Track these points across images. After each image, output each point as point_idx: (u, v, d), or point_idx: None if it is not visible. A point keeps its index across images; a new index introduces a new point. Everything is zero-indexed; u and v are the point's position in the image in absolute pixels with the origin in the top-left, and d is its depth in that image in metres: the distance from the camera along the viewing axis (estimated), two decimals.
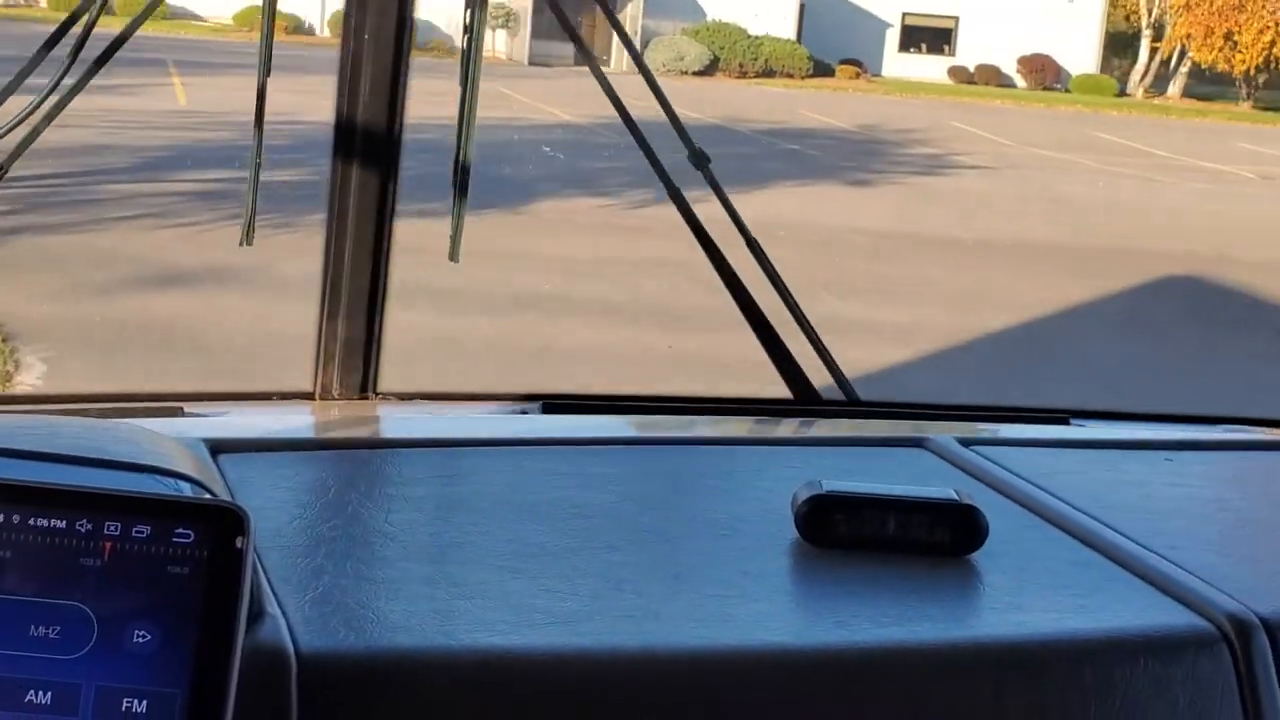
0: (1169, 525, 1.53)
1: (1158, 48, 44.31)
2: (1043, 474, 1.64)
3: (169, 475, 1.14)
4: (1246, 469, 1.78)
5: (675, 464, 1.68)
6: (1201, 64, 42.49)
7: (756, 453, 1.73)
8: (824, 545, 1.41)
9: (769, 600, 1.30)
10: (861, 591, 1.33)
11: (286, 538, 1.33)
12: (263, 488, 1.44)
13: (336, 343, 1.91)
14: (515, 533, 1.39)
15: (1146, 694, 1.25)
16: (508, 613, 1.22)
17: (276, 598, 1.19)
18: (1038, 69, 44.42)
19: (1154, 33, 44.30)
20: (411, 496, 1.48)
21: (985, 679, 1.23)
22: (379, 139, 1.88)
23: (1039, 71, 44.38)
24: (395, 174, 1.89)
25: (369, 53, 1.86)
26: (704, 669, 1.19)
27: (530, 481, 1.53)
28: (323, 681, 1.10)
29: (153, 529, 0.99)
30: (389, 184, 1.89)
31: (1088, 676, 1.24)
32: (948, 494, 1.43)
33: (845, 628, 1.25)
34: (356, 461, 1.58)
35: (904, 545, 1.40)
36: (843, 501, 1.41)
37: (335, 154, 1.88)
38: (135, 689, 0.96)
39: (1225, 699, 1.27)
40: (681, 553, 1.38)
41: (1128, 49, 47.66)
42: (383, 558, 1.33)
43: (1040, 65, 44.48)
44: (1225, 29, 41.17)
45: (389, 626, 1.19)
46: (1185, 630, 1.30)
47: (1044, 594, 1.35)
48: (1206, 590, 1.36)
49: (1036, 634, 1.27)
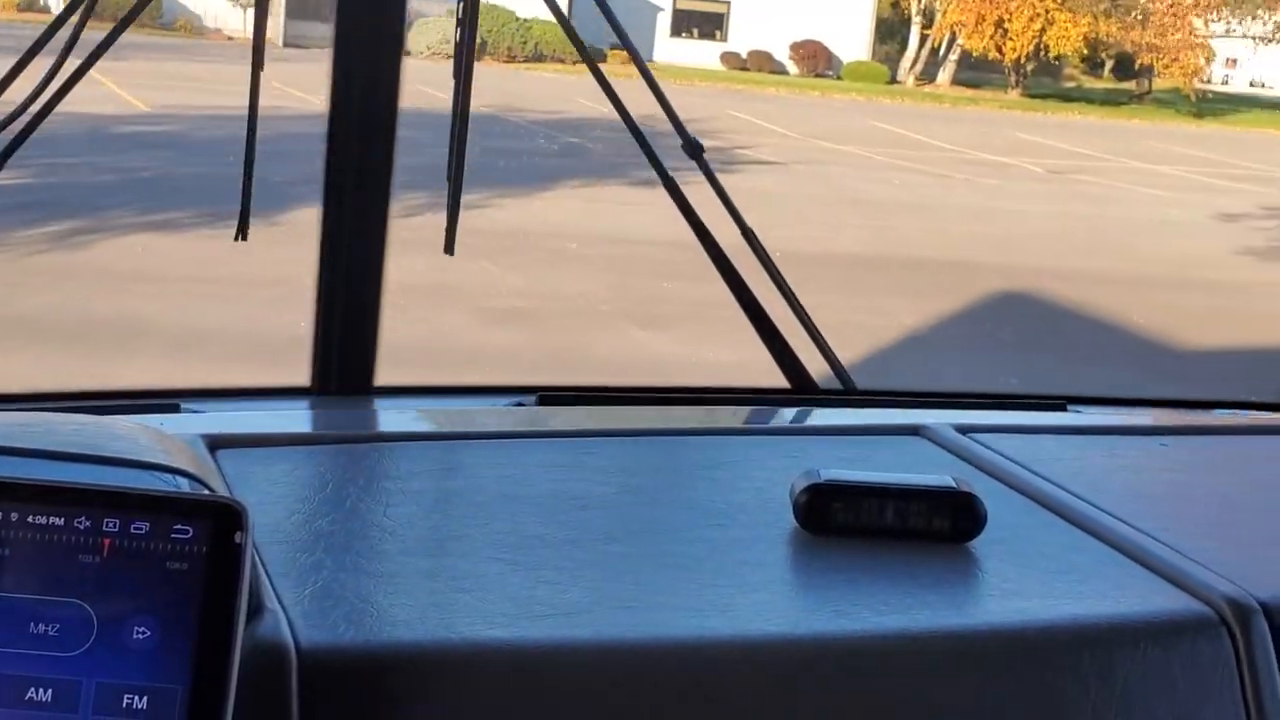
0: (1167, 510, 1.54)
1: (928, 34, 43.60)
2: (1040, 460, 1.65)
3: (167, 471, 1.14)
4: (1243, 453, 1.78)
5: (673, 455, 1.68)
6: (972, 52, 41.90)
7: (754, 442, 1.73)
8: (822, 534, 1.41)
9: (768, 590, 1.31)
10: (860, 580, 1.33)
11: (285, 532, 1.33)
12: (261, 483, 1.44)
13: (334, 337, 1.91)
14: (514, 525, 1.39)
15: (1146, 679, 1.25)
16: (507, 605, 1.22)
17: (276, 593, 1.19)
18: (810, 55, 43.47)
19: (924, 19, 43.57)
20: (410, 490, 1.48)
21: (985, 666, 1.23)
22: (374, 134, 1.87)
23: (811, 58, 43.42)
24: (390, 168, 1.89)
25: (362, 47, 1.86)
26: (704, 659, 1.19)
27: (528, 474, 1.53)
28: (323, 676, 1.10)
29: (151, 525, 0.99)
30: (384, 178, 1.89)
31: (1087, 662, 1.24)
32: (945, 481, 1.43)
33: (844, 616, 1.26)
34: (354, 456, 1.58)
35: (902, 533, 1.41)
36: (841, 490, 1.41)
37: (330, 149, 1.88)
38: (135, 685, 0.96)
39: (1224, 683, 1.27)
40: (680, 543, 1.38)
41: (898, 36, 46.96)
42: (382, 552, 1.33)
43: (812, 51, 43.54)
44: (996, 16, 40.59)
45: (389, 620, 1.19)
46: (1184, 615, 1.30)
47: (1043, 580, 1.35)
48: (1205, 575, 1.36)
49: (1035, 620, 1.27)
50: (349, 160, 1.88)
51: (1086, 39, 41.32)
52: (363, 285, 1.90)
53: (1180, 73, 41.24)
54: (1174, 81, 42.05)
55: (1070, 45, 41.25)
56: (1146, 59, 42.08)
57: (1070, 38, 40.83)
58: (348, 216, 1.89)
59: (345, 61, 1.86)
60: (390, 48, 1.87)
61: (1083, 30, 40.80)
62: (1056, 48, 41.39)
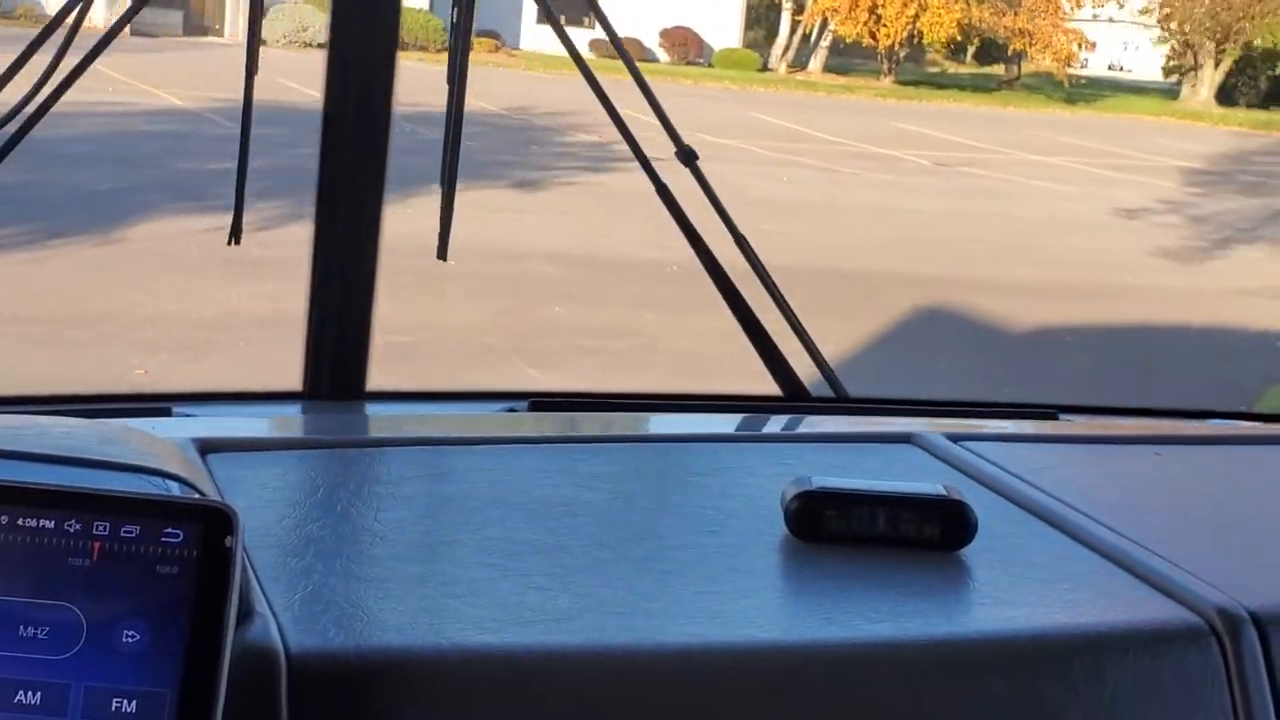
0: (1157, 519, 1.54)
1: (799, 21, 42.42)
2: (1031, 469, 1.65)
3: (157, 475, 1.14)
4: (1234, 463, 1.79)
5: (664, 461, 1.68)
6: (844, 38, 41.01)
7: (745, 449, 1.73)
8: (813, 541, 1.41)
9: (758, 596, 1.30)
10: (851, 587, 1.33)
11: (276, 537, 1.33)
12: (252, 487, 1.44)
13: (325, 342, 1.91)
14: (504, 531, 1.39)
15: (1135, 688, 1.25)
16: (498, 611, 1.22)
17: (266, 597, 1.19)
18: (680, 42, 42.17)
19: (795, 6, 42.51)
20: (401, 495, 1.48)
21: (975, 674, 1.23)
22: (368, 139, 1.87)
23: (682, 45, 42.07)
24: (383, 175, 1.89)
25: (357, 50, 1.86)
26: (694, 666, 1.19)
27: (519, 480, 1.53)
28: (313, 681, 1.10)
29: (142, 529, 0.98)
30: (377, 184, 1.89)
31: (1077, 671, 1.24)
32: (937, 489, 1.43)
33: (835, 624, 1.26)
34: (345, 460, 1.57)
35: (893, 541, 1.41)
36: (832, 497, 1.41)
37: (323, 153, 1.88)
38: (124, 689, 0.96)
39: (1214, 693, 1.27)
40: (671, 549, 1.38)
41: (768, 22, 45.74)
42: (372, 556, 1.33)
43: (683, 39, 42.28)
44: (869, 2, 39.81)
45: (379, 625, 1.19)
46: (1174, 624, 1.30)
47: (1033, 589, 1.35)
48: (1195, 584, 1.36)
49: (1026, 629, 1.27)
50: (342, 167, 1.88)
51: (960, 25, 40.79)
52: (355, 291, 1.90)
53: (1053, 58, 41.02)
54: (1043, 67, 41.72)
55: (944, 32, 40.64)
56: (1018, 44, 41.71)
57: (944, 24, 40.23)
58: (340, 222, 1.89)
59: (340, 69, 1.86)
60: (385, 57, 1.87)
61: (955, 16, 40.20)
62: (930, 35, 40.78)
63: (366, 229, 1.89)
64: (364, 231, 1.89)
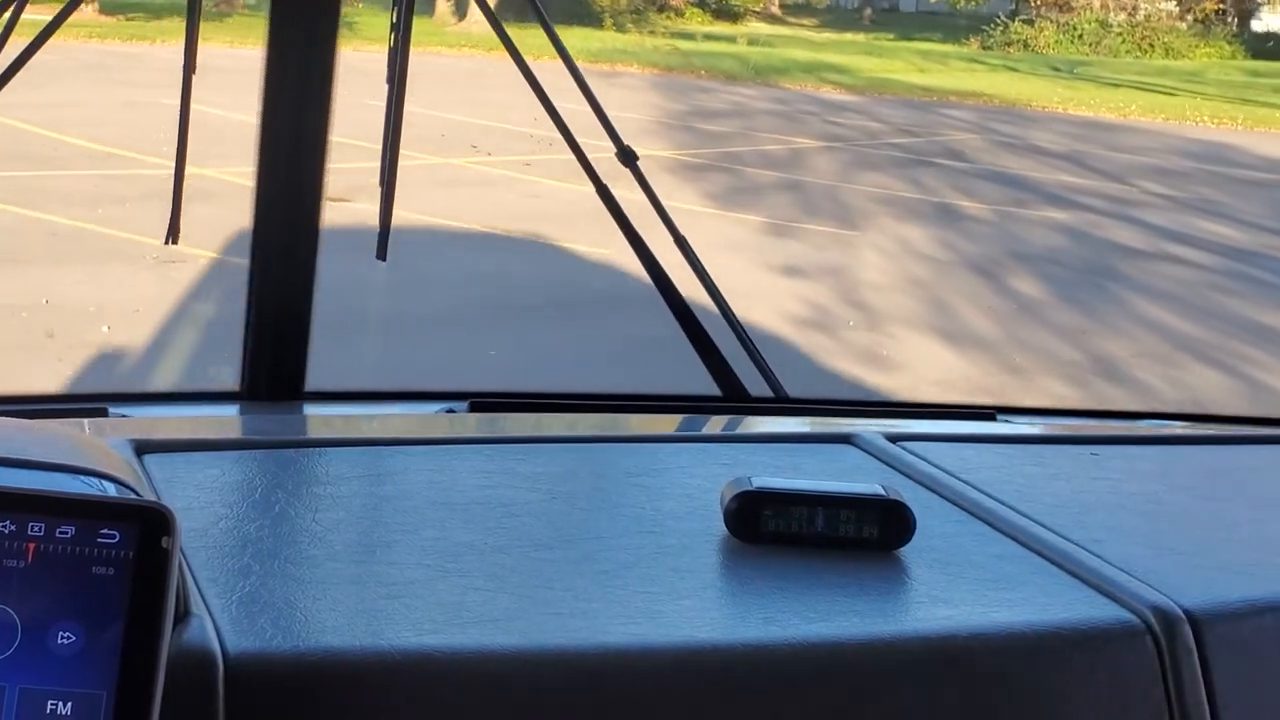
0: (1094, 519, 1.55)
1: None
2: (969, 469, 1.66)
3: (93, 475, 1.13)
4: (1170, 463, 1.80)
5: (603, 462, 1.68)
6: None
7: (685, 450, 1.74)
8: (752, 541, 1.41)
9: (698, 597, 1.31)
10: (790, 587, 1.33)
11: (213, 538, 1.32)
12: (189, 487, 1.43)
13: (264, 342, 1.90)
14: (443, 532, 1.39)
15: (1072, 686, 1.26)
16: (436, 612, 1.22)
17: (203, 598, 1.19)
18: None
19: None
20: (339, 496, 1.48)
21: (914, 673, 1.24)
22: (305, 140, 1.87)
23: None
24: (322, 177, 1.88)
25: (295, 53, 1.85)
26: (633, 667, 1.19)
27: (457, 480, 1.52)
28: (250, 682, 1.10)
29: (77, 529, 0.98)
30: (315, 185, 1.89)
31: (1014, 669, 1.25)
32: (875, 490, 1.44)
33: (774, 624, 1.26)
34: (283, 461, 1.57)
35: (832, 541, 1.41)
36: (771, 498, 1.42)
37: (261, 156, 1.87)
38: (60, 691, 0.96)
39: (1149, 690, 1.28)
40: (610, 550, 1.38)
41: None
42: (310, 557, 1.32)
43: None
44: None
45: (317, 627, 1.18)
46: (1110, 623, 1.31)
47: (971, 588, 1.36)
48: (1131, 583, 1.37)
49: (964, 628, 1.28)
50: (279, 169, 1.87)
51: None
52: (294, 292, 1.89)
53: None
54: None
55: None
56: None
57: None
58: (279, 224, 1.88)
59: (276, 73, 1.85)
60: (322, 61, 1.86)
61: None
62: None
63: (305, 230, 1.89)
64: (302, 232, 1.89)
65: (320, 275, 1.90)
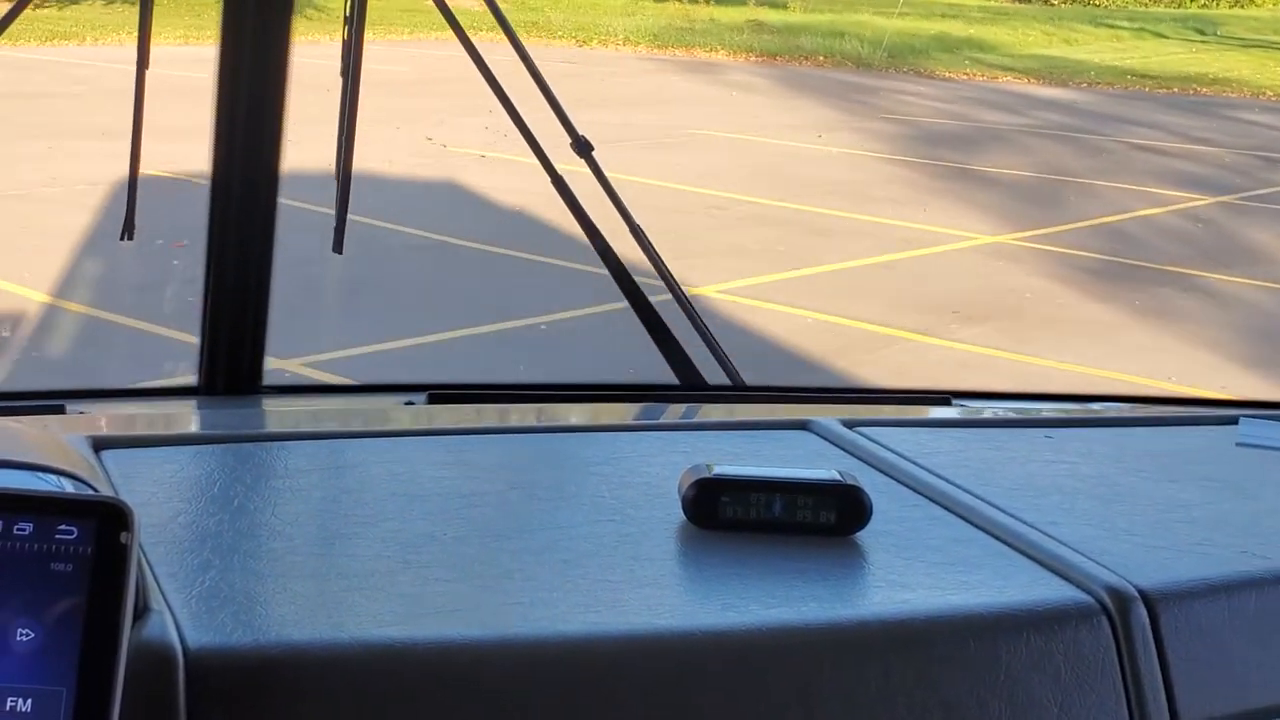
0: (1049, 501, 1.56)
1: None
2: (925, 454, 1.66)
3: (50, 472, 1.13)
4: (1124, 444, 1.82)
5: (562, 451, 1.68)
6: None
7: (643, 438, 1.74)
8: (711, 528, 1.42)
9: (657, 584, 1.31)
10: (748, 574, 1.34)
11: (172, 533, 1.32)
12: (147, 483, 1.43)
13: (221, 337, 1.90)
14: (403, 523, 1.39)
15: (1029, 667, 1.27)
16: (397, 604, 1.22)
17: (163, 593, 1.19)
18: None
19: None
20: (298, 489, 1.48)
21: (872, 657, 1.24)
22: (260, 133, 1.86)
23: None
24: (277, 171, 1.88)
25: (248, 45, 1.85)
26: (594, 655, 1.19)
27: (417, 472, 1.53)
28: (211, 677, 1.10)
29: (35, 526, 0.98)
30: (271, 179, 1.88)
31: (972, 651, 1.26)
32: (832, 475, 1.45)
33: (733, 610, 1.27)
34: (241, 455, 1.57)
35: (790, 527, 1.42)
36: (729, 484, 1.42)
37: (216, 149, 1.87)
38: (19, 688, 0.96)
39: (1105, 670, 1.30)
40: (570, 539, 1.39)
41: None
42: (269, 551, 1.32)
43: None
44: None
45: (277, 621, 1.18)
46: (1066, 604, 1.32)
47: (928, 571, 1.37)
48: (1086, 564, 1.38)
49: (921, 611, 1.29)
50: (235, 163, 1.87)
51: None
52: (250, 285, 1.89)
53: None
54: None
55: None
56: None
57: None
58: (234, 217, 1.88)
59: (231, 65, 1.85)
60: (276, 51, 1.86)
61: None
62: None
63: (261, 223, 1.88)
64: (258, 225, 1.88)
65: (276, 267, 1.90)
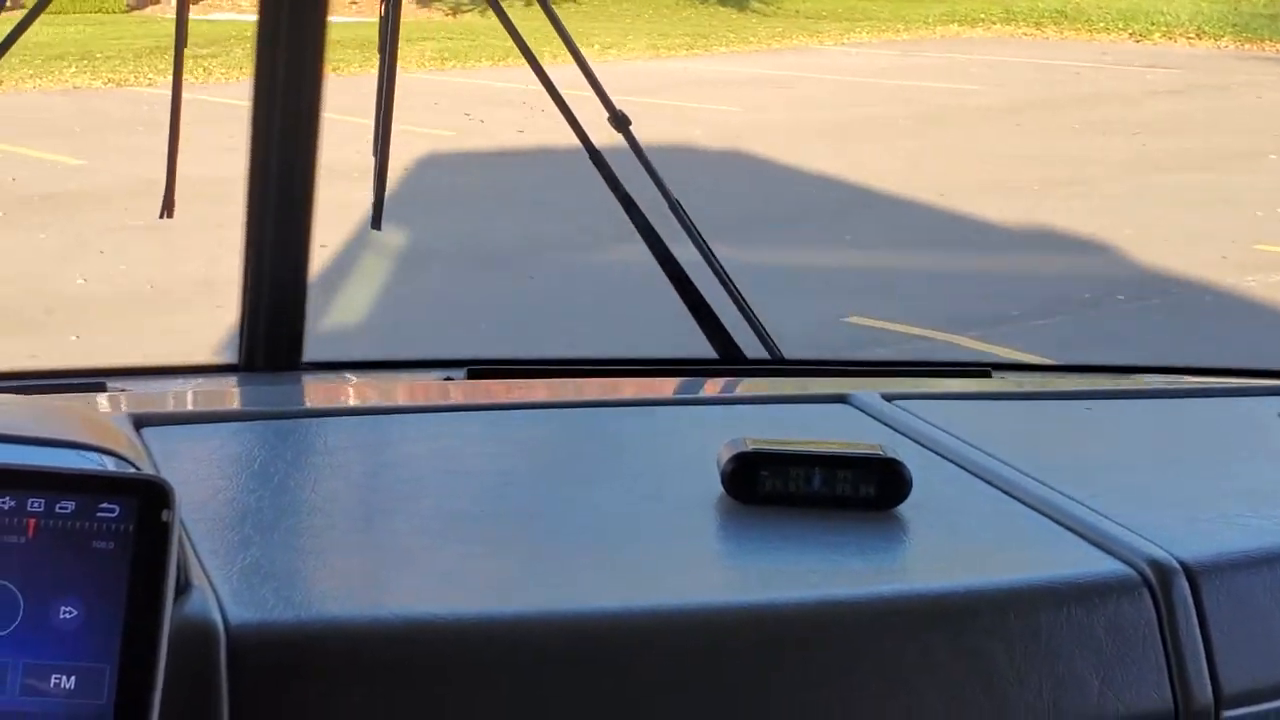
0: (1090, 474, 1.55)
1: None
2: (965, 427, 1.66)
3: (92, 450, 1.14)
4: (1164, 416, 1.81)
5: (601, 426, 1.68)
6: None
7: (682, 413, 1.74)
8: (750, 503, 1.42)
9: (697, 559, 1.31)
10: (787, 548, 1.34)
11: (213, 510, 1.33)
12: (188, 460, 1.44)
13: (261, 314, 1.90)
14: (443, 499, 1.39)
15: (1070, 640, 1.26)
16: (436, 580, 1.23)
17: (204, 570, 1.19)
18: None
19: None
20: (338, 465, 1.48)
21: (912, 631, 1.24)
22: (299, 109, 1.87)
23: None
24: (316, 145, 1.88)
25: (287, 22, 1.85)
26: (633, 631, 1.19)
27: (456, 448, 1.53)
28: (252, 653, 1.10)
29: (77, 504, 0.98)
30: (310, 155, 1.88)
31: (1013, 625, 1.26)
32: (872, 449, 1.45)
33: (772, 584, 1.26)
34: (282, 432, 1.57)
35: (829, 501, 1.42)
36: (768, 458, 1.42)
37: (254, 125, 1.87)
38: (63, 665, 0.96)
39: (1147, 642, 1.29)
40: (609, 515, 1.39)
41: None
42: (310, 527, 1.33)
43: None
44: None
45: (317, 596, 1.19)
46: (1108, 576, 1.32)
47: (968, 545, 1.37)
48: (1128, 537, 1.38)
49: (961, 585, 1.28)
50: (274, 138, 1.87)
51: None
52: (290, 262, 1.90)
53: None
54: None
55: None
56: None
57: None
58: (273, 194, 1.88)
59: (269, 41, 1.85)
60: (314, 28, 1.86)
61: None
62: None
63: (300, 200, 1.89)
64: (298, 202, 1.89)
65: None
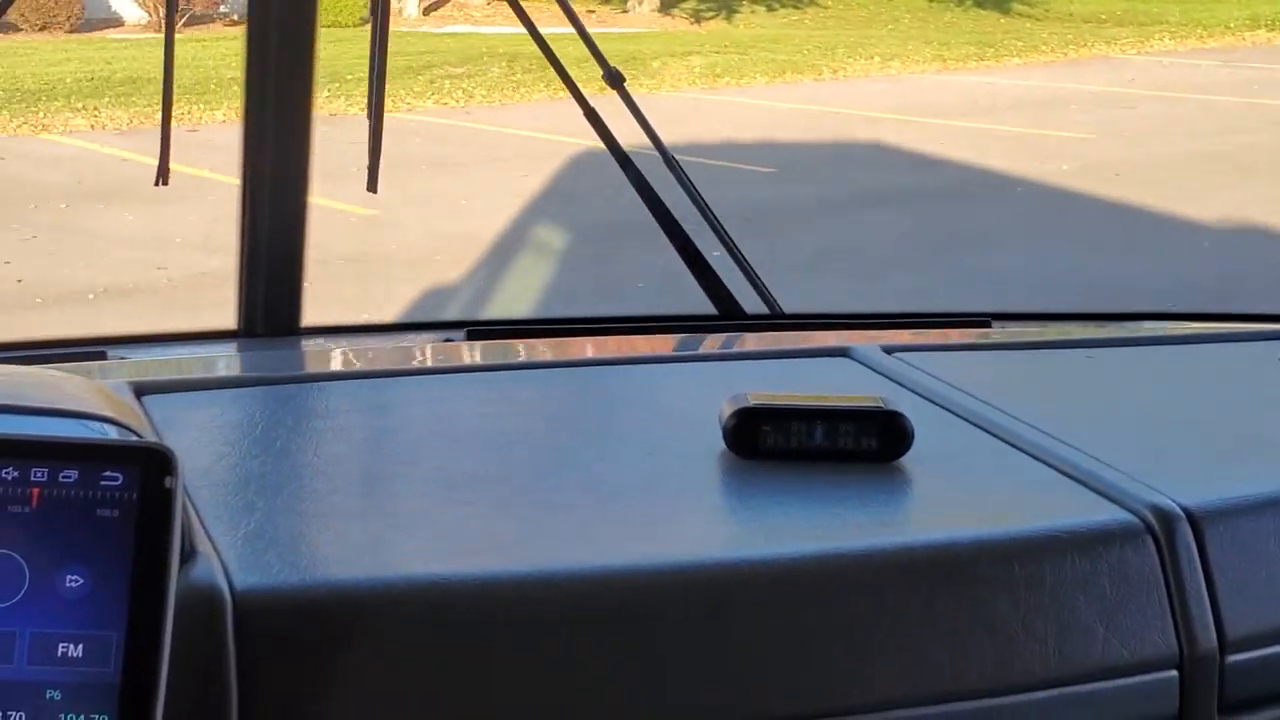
0: (1092, 422, 1.55)
1: None
2: (966, 378, 1.66)
3: (94, 419, 1.14)
4: (1165, 363, 1.81)
5: (602, 384, 1.69)
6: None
7: (683, 369, 1.74)
8: (752, 457, 1.42)
9: (699, 515, 1.31)
10: (790, 502, 1.34)
11: (216, 476, 1.33)
12: (189, 427, 1.44)
13: (259, 279, 1.90)
14: (445, 461, 1.39)
15: (1073, 588, 1.27)
16: (441, 541, 1.23)
17: (209, 536, 1.19)
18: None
19: None
20: (340, 429, 1.48)
21: (916, 582, 1.24)
22: (294, 76, 1.86)
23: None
24: (310, 111, 1.88)
25: None
26: (638, 587, 1.19)
27: (458, 409, 1.53)
28: (258, 618, 1.11)
29: (80, 473, 0.98)
30: (305, 119, 1.88)
31: (1017, 574, 1.26)
32: (873, 402, 1.45)
33: (776, 539, 1.27)
34: (283, 396, 1.57)
35: (832, 454, 1.42)
36: (769, 413, 1.42)
37: (248, 93, 1.86)
38: (70, 633, 0.97)
39: (1150, 589, 1.29)
40: (611, 472, 1.39)
41: None
42: (314, 491, 1.33)
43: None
44: None
45: (323, 560, 1.19)
46: (1110, 524, 1.32)
47: (971, 496, 1.37)
48: (1130, 484, 1.38)
49: (964, 536, 1.29)
50: (269, 102, 1.87)
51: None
52: (287, 227, 1.89)
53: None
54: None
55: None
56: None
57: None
58: (269, 158, 1.88)
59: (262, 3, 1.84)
60: None
61: None
62: None
63: (296, 164, 1.88)
64: (294, 166, 1.88)
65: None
